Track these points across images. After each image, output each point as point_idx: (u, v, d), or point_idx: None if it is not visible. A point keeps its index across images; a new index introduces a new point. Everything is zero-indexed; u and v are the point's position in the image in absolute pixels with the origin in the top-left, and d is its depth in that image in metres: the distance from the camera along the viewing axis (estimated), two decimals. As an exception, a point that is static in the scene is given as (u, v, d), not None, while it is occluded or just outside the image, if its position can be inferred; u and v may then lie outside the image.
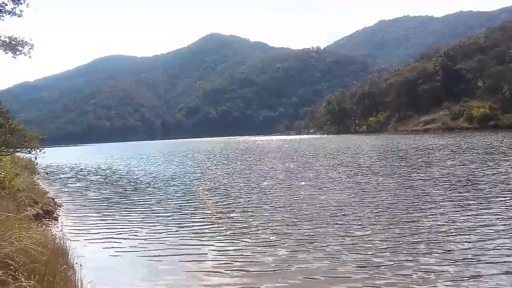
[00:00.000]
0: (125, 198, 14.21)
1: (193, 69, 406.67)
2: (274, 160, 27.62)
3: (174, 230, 8.83)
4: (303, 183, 15.17)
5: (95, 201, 14.00)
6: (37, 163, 21.75)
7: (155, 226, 9.39)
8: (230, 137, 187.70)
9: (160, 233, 8.66)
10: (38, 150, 13.47)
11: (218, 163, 27.49)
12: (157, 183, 17.73)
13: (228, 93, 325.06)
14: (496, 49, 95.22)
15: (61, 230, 8.71)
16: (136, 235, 8.56)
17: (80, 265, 6.05)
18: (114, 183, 18.97)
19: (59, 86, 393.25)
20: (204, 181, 17.65)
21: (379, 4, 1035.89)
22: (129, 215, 10.86)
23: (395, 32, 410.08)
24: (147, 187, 16.85)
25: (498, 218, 8.36)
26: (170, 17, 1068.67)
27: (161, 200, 13.19)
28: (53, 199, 13.88)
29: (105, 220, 10.45)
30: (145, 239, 8.17)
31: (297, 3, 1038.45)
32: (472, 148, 27.87)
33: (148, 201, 13.04)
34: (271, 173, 19.10)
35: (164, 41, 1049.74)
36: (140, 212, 11.26)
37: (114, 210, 11.86)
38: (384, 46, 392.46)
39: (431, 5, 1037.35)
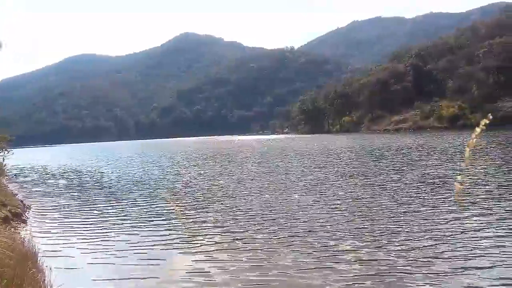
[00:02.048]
0: (95, 200, 13.96)
1: (167, 68, 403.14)
2: (248, 162, 27.63)
3: (145, 233, 8.69)
4: (270, 184, 15.23)
5: (65, 203, 13.71)
6: (5, 164, 21.19)
7: (125, 228, 9.25)
8: (204, 137, 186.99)
9: (130, 235, 8.53)
10: (6, 151, 13.15)
11: (190, 165, 27.34)
12: (128, 185, 17.49)
13: (203, 93, 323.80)
14: (465, 50, 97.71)
15: (30, 233, 8.52)
16: (106, 238, 8.42)
17: (50, 268, 5.94)
18: (85, 185, 18.64)
19: (29, 85, 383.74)
20: (175, 183, 17.51)
21: (351, 5, 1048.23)
22: (100, 218, 10.67)
23: (367, 33, 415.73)
24: (118, 189, 16.59)
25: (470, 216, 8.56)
26: (143, 16, 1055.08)
27: (131, 202, 12.98)
28: (22, 201, 13.56)
29: (75, 222, 10.26)
30: (115, 242, 8.05)
31: (270, 3, 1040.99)
32: (445, 148, 28.55)
33: (118, 204, 12.82)
34: (244, 175, 19.12)
35: (138, 40, 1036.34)
36: (110, 214, 11.08)
37: (84, 213, 11.61)
38: (357, 47, 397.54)
39: (402, 7, 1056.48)
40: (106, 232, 8.90)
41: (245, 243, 7.40)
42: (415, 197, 10.82)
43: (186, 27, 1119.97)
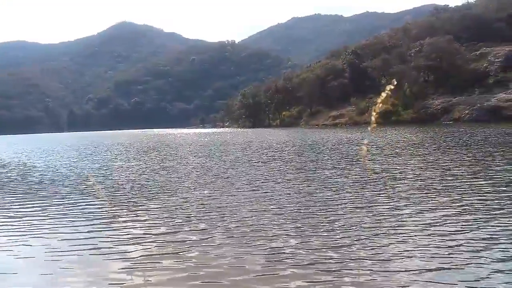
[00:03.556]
0: (29, 196, 13.14)
1: (103, 58, 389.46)
2: (188, 156, 27.36)
3: (82, 229, 8.17)
4: (211, 179, 15.18)
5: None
6: None
7: (61, 225, 8.72)
8: (143, 129, 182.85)
9: (66, 233, 8.04)
10: None
11: (125, 159, 26.61)
12: (62, 180, 16.64)
13: (141, 84, 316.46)
14: (398, 49, 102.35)
15: None
16: (41, 236, 7.94)
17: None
18: (16, 180, 17.53)
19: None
20: (108, 178, 16.95)
21: (291, 1, 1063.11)
22: (33, 214, 10.00)
23: (307, 30, 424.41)
24: (52, 183, 15.69)
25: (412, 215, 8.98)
26: (78, 1, 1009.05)
27: (67, 197, 12.24)
28: None
29: (6, 219, 9.60)
30: (50, 240, 7.60)
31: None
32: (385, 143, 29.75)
33: (53, 199, 12.05)
34: (183, 170, 18.92)
35: (72, 27, 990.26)
36: (45, 210, 10.42)
37: (16, 209, 10.88)
38: (297, 43, 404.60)
39: (340, 5, 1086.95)
40: (41, 230, 8.28)
41: (176, 244, 7.07)
42: (352, 191, 11.16)
43: (124, 15, 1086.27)
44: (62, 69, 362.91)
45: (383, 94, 2.76)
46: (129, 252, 6.69)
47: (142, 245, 7.03)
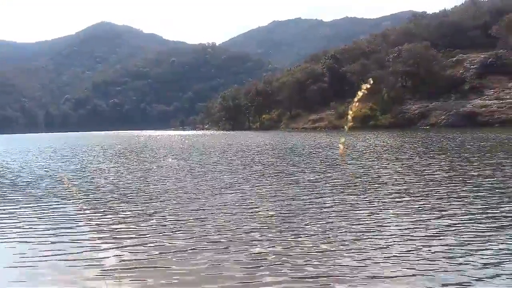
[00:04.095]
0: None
1: (82, 58, 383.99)
2: (167, 158, 27.11)
3: (54, 234, 7.89)
4: (189, 183, 15.04)
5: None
6: None
7: (32, 230, 8.30)
8: (121, 131, 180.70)
9: (37, 238, 7.66)
10: None
11: (103, 161, 26.20)
12: (35, 182, 16.15)
13: (120, 85, 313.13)
14: (377, 55, 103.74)
15: None
16: (10, 241, 7.50)
17: None
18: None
19: None
20: (84, 182, 16.64)
21: (272, 5, 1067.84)
22: (2, 218, 9.57)
23: (287, 33, 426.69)
24: (24, 186, 15.17)
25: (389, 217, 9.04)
26: (56, 1, 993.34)
27: (40, 200, 11.78)
28: None
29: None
30: (20, 245, 7.16)
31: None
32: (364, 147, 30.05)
33: (25, 203, 11.61)
34: (162, 173, 18.71)
35: (49, 27, 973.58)
36: (15, 214, 9.98)
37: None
38: (278, 46, 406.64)
39: (320, 10, 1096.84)
40: (7, 231, 7.98)
41: (152, 250, 6.87)
42: (332, 195, 11.17)
43: (103, 16, 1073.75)
44: (40, 68, 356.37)
45: (359, 93, 2.81)
46: (103, 258, 6.48)
47: (117, 251, 6.82)
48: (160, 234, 7.71)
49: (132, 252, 6.74)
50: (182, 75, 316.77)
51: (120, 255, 6.60)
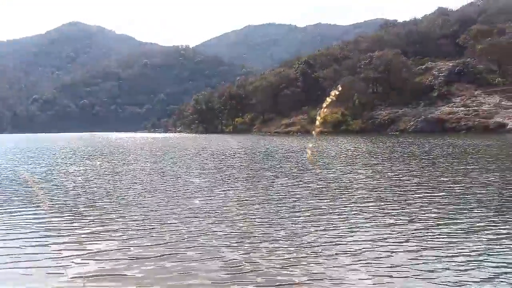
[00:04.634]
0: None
1: (51, 58, 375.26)
2: (139, 161, 26.62)
3: (17, 241, 7.57)
4: (161, 185, 14.82)
5: None
6: None
7: None
8: (91, 132, 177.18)
9: None
10: None
11: (71, 163, 25.53)
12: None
13: (90, 86, 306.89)
14: (348, 61, 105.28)
15: None
16: None
17: None
18: None
19: None
20: (52, 184, 16.13)
21: (246, 9, 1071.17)
22: None
23: (261, 38, 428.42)
24: None
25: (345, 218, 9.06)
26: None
27: (2, 205, 11.36)
28: None
29: None
30: None
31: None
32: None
33: None
34: (135, 176, 18.34)
35: (18, 26, 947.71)
36: None
37: None
38: (251, 50, 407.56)
39: (293, 15, 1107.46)
40: None
41: (118, 259, 6.63)
42: (304, 200, 11.18)
43: (74, 15, 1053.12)
44: (7, 68, 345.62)
45: (328, 99, 2.82)
46: (66, 266, 6.23)
47: (82, 258, 6.56)
48: (128, 240, 7.49)
49: (98, 260, 6.50)
50: (154, 77, 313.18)
51: (85, 263, 6.35)
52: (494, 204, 10.20)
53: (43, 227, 8.76)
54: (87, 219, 9.31)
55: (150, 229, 8.28)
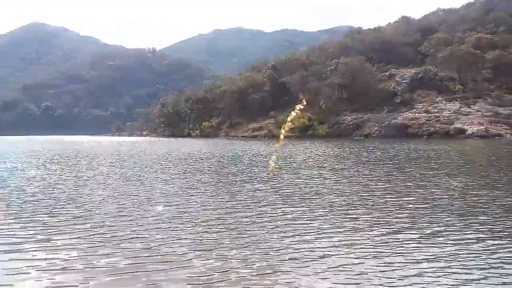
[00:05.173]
0: None
1: (12, 59, 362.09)
2: (100, 165, 25.96)
3: None
4: (125, 192, 14.49)
5: None
6: None
7: None
8: (53, 136, 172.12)
9: None
10: None
11: (29, 168, 24.62)
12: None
13: (53, 88, 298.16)
14: (315, 67, 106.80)
15: None
16: None
17: None
18: None
19: None
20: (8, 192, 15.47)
21: (214, 14, 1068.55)
22: None
23: (229, 42, 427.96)
24: None
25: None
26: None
27: None
28: None
29: None
30: None
31: (131, 2, 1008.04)
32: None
33: None
34: (98, 182, 17.82)
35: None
36: None
37: None
38: (219, 55, 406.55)
39: (261, 21, 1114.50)
40: None
41: (80, 271, 6.35)
42: (270, 205, 11.12)
43: (36, 16, 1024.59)
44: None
45: (293, 113, 2.94)
46: (21, 281, 5.88)
47: (39, 271, 6.20)
48: (89, 250, 7.11)
49: (56, 273, 6.12)
50: (119, 80, 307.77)
51: (41, 277, 5.95)
52: (459, 209, 10.45)
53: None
54: (44, 226, 8.83)
55: (111, 237, 7.88)
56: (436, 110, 77.89)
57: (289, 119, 2.95)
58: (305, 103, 2.88)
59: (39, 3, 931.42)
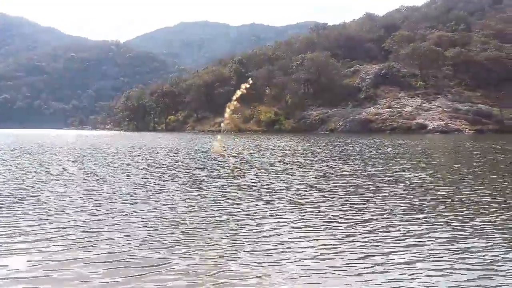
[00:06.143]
0: None
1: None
2: (61, 160, 25.15)
3: None
4: (93, 190, 14.14)
5: None
6: None
7: None
8: (11, 129, 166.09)
9: None
10: None
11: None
12: None
13: (12, 80, 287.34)
14: (281, 61, 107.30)
15: None
16: None
17: None
18: None
19: None
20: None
21: (179, 6, 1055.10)
22: None
23: (195, 35, 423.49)
24: None
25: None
26: None
27: None
28: None
29: None
30: None
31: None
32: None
33: None
34: (53, 177, 17.29)
35: None
36: None
37: None
38: (184, 48, 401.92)
39: (227, 14, 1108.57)
40: None
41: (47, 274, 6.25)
42: (235, 203, 11.09)
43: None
44: None
45: (238, 92, 3.02)
46: None
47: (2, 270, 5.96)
48: (52, 255, 6.87)
49: (13, 279, 5.91)
50: (82, 72, 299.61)
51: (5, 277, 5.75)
52: (429, 202, 10.74)
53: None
54: (7, 226, 8.42)
55: (76, 239, 7.56)
56: (398, 106, 79.79)
57: (234, 97, 3.02)
58: (250, 82, 2.96)
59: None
